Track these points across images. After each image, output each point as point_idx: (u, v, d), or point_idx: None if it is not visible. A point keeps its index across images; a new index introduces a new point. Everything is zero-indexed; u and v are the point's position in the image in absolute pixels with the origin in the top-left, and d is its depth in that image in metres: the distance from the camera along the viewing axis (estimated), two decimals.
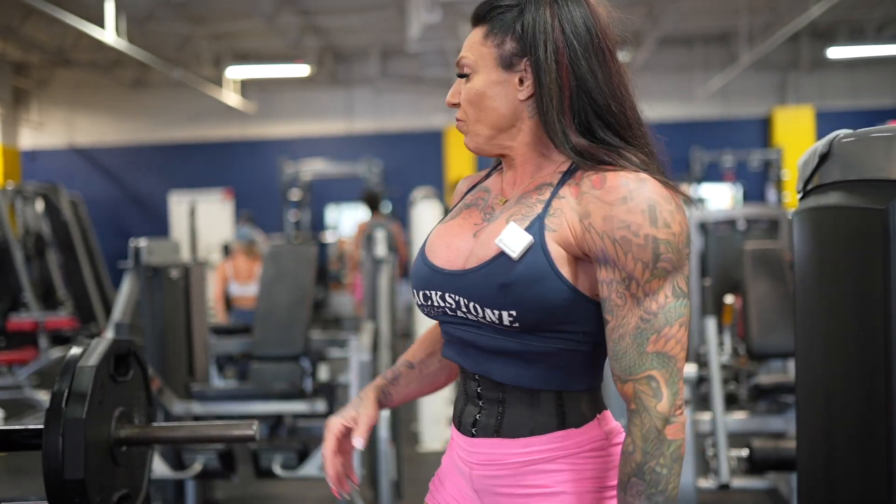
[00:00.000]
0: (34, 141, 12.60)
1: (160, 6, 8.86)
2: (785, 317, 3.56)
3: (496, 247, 1.15)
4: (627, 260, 1.09)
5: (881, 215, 1.23)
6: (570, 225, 1.13)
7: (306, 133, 12.39)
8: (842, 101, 12.17)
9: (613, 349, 1.11)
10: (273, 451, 3.46)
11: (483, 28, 1.22)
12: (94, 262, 6.70)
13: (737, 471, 3.20)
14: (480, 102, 1.21)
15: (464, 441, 1.25)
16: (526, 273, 1.12)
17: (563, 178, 1.18)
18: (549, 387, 1.18)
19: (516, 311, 1.13)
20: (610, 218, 1.10)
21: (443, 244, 1.26)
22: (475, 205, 1.29)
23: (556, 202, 1.15)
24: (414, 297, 1.29)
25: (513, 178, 1.25)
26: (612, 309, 1.11)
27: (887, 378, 1.23)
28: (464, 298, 1.18)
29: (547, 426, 1.18)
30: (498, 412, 1.21)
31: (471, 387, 1.25)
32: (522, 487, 1.19)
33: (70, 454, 1.48)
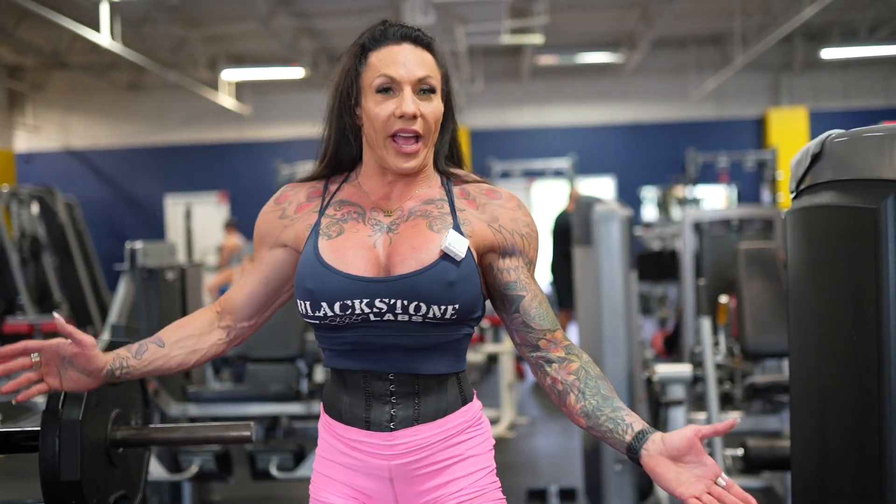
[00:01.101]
0: (29, 144, 12.58)
1: (155, 9, 8.86)
2: (779, 316, 3.57)
3: (437, 252, 1.33)
4: (529, 249, 1.41)
5: (873, 214, 1.24)
6: (480, 230, 1.38)
7: (301, 135, 12.37)
8: (835, 101, 12.21)
9: (538, 312, 1.39)
10: (269, 452, 3.47)
11: (430, 56, 1.38)
12: (89, 264, 6.69)
13: (732, 470, 3.21)
14: (437, 123, 1.38)
15: (378, 438, 1.36)
16: (464, 272, 1.34)
17: (448, 194, 1.41)
18: (454, 369, 1.40)
19: (458, 305, 1.33)
20: (515, 219, 1.41)
21: (350, 255, 1.34)
22: (351, 219, 1.39)
23: (460, 214, 1.39)
24: (318, 309, 1.32)
25: (383, 192, 1.40)
26: (525, 286, 1.40)
27: (880, 376, 1.24)
28: (403, 300, 1.32)
29: (455, 405, 1.40)
30: (414, 403, 1.37)
31: (379, 387, 1.37)
32: (440, 462, 1.38)
33: (66, 456, 1.48)
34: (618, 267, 3.08)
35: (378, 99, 1.34)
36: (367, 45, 1.37)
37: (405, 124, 1.33)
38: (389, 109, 1.33)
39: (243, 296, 1.47)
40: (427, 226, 1.36)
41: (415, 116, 1.33)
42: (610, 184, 12.57)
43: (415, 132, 1.34)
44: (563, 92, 12.42)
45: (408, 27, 1.38)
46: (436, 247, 1.33)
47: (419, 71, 1.34)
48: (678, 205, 10.78)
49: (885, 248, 1.22)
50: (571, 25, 10.24)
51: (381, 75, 1.34)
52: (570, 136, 12.31)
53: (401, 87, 1.33)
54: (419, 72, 1.34)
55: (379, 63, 1.34)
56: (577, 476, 4.03)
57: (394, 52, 1.35)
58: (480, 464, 1.42)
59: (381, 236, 1.37)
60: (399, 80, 1.33)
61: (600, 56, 10.90)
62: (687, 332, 5.38)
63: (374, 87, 1.34)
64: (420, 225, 1.36)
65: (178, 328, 1.46)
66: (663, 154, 12.19)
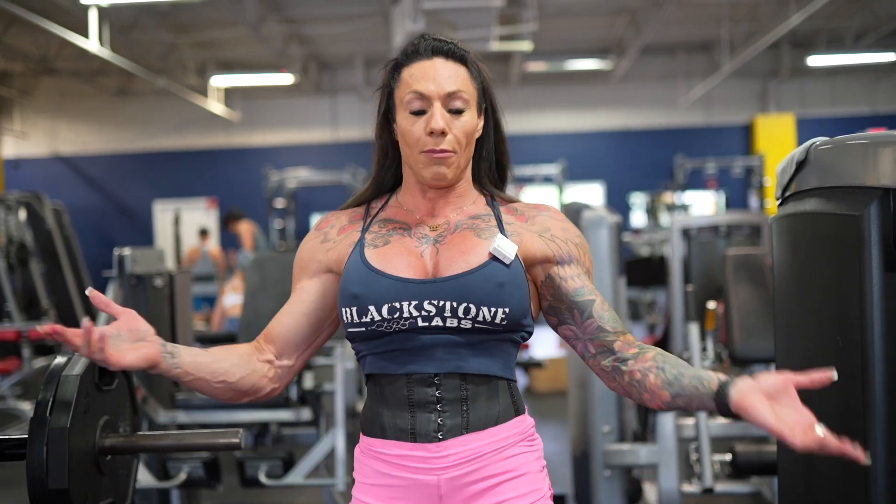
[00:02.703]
0: (17, 150, 12.52)
1: (144, 15, 8.84)
2: (767, 322, 3.59)
3: (486, 254, 1.32)
4: (585, 258, 1.41)
5: (857, 221, 1.25)
6: (531, 241, 1.37)
7: (291, 141, 12.37)
8: (822, 108, 12.29)
9: (610, 315, 1.36)
10: (258, 459, 3.45)
11: (463, 68, 1.36)
12: (77, 271, 6.65)
13: (720, 475, 3.22)
14: (471, 137, 1.37)
15: (425, 450, 1.29)
16: (514, 276, 1.32)
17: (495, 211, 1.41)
18: (506, 375, 1.35)
19: (509, 308, 1.30)
20: (566, 229, 1.41)
21: (397, 260, 1.33)
22: (397, 233, 1.37)
23: (507, 227, 1.38)
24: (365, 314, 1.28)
25: (430, 210, 1.39)
26: (591, 290, 1.38)
27: (864, 381, 1.25)
28: (452, 302, 1.29)
29: (507, 414, 1.34)
30: (462, 410, 1.31)
31: (424, 394, 1.30)
32: (493, 477, 1.31)
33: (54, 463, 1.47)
34: (606, 273, 3.09)
35: (411, 117, 1.33)
36: (401, 62, 1.37)
37: (435, 142, 1.31)
38: (421, 127, 1.32)
39: (284, 329, 1.38)
40: (475, 235, 1.36)
41: (444, 133, 1.31)
42: (599, 190, 12.61)
43: (443, 152, 1.32)
44: (553, 98, 12.45)
45: (441, 40, 1.36)
46: (484, 250, 1.32)
47: (449, 86, 1.33)
48: (667, 211, 10.82)
49: (869, 255, 1.23)
50: (560, 32, 10.27)
51: (412, 91, 1.33)
52: (560, 142, 12.34)
53: (431, 103, 1.32)
54: (449, 86, 1.33)
55: (410, 79, 1.34)
56: (567, 482, 4.04)
57: (424, 67, 1.34)
58: (534, 485, 1.33)
59: (427, 247, 1.35)
60: (429, 95, 1.32)
61: (589, 63, 10.94)
62: (675, 338, 5.40)
63: (406, 102, 1.34)
64: (468, 234, 1.36)
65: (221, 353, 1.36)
66: (652, 160, 12.24)
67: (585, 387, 3.15)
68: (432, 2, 6.20)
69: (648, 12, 9.04)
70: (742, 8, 9.40)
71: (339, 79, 12.06)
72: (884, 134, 1.31)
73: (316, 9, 9.11)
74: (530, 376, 6.85)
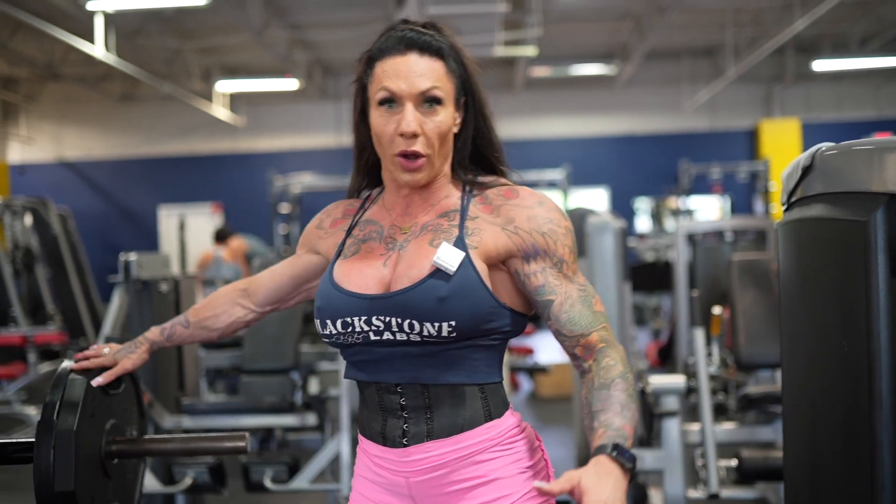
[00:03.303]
0: (23, 155, 12.56)
1: (149, 20, 8.87)
2: (772, 327, 3.58)
3: (429, 266, 1.27)
4: (557, 247, 1.31)
5: (863, 227, 1.25)
6: (492, 237, 1.31)
7: (295, 146, 12.40)
8: (827, 113, 12.28)
9: (568, 316, 1.29)
10: (263, 464, 3.46)
11: (439, 62, 1.30)
12: (83, 276, 6.67)
13: (726, 481, 3.21)
14: (446, 136, 1.32)
15: (394, 454, 1.32)
16: (460, 286, 1.26)
17: (464, 202, 1.35)
18: (473, 380, 1.30)
19: (455, 321, 1.26)
20: (533, 217, 1.31)
21: (355, 274, 1.34)
22: (370, 238, 1.38)
23: (470, 223, 1.32)
24: (325, 327, 1.33)
25: (404, 207, 1.37)
26: (553, 289, 1.30)
27: (870, 387, 1.25)
28: (397, 318, 1.27)
29: (476, 420, 1.30)
30: (426, 417, 1.30)
31: (390, 401, 1.32)
32: (462, 482, 1.30)
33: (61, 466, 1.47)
34: (611, 278, 3.09)
35: (381, 112, 1.29)
36: (374, 55, 1.32)
37: (406, 144, 1.28)
38: (392, 127, 1.28)
39: (272, 282, 1.56)
40: (429, 241, 1.31)
41: (415, 135, 1.27)
42: (604, 195, 12.61)
43: (415, 153, 1.28)
44: (557, 103, 12.46)
45: (417, 31, 1.30)
46: (429, 262, 1.27)
47: (422, 84, 1.27)
48: (672, 216, 10.82)
49: (875, 260, 1.23)
50: (565, 37, 10.28)
51: (382, 88, 1.28)
52: (564, 147, 12.35)
53: (402, 103, 1.28)
54: (422, 84, 1.27)
55: (382, 75, 1.29)
56: None
57: (397, 63, 1.28)
58: (509, 488, 1.29)
59: (392, 255, 1.34)
60: (400, 94, 1.27)
61: (594, 68, 10.95)
62: (681, 343, 5.39)
63: (377, 100, 1.30)
64: (424, 241, 1.32)
65: (204, 308, 1.62)
66: (657, 165, 12.24)
67: None
68: (437, 7, 6.21)
69: (653, 18, 9.04)
70: (746, 13, 9.40)
71: (344, 84, 12.07)
72: (890, 139, 1.31)
73: (320, 14, 9.14)
74: (535, 381, 6.84)
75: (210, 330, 1.61)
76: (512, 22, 8.15)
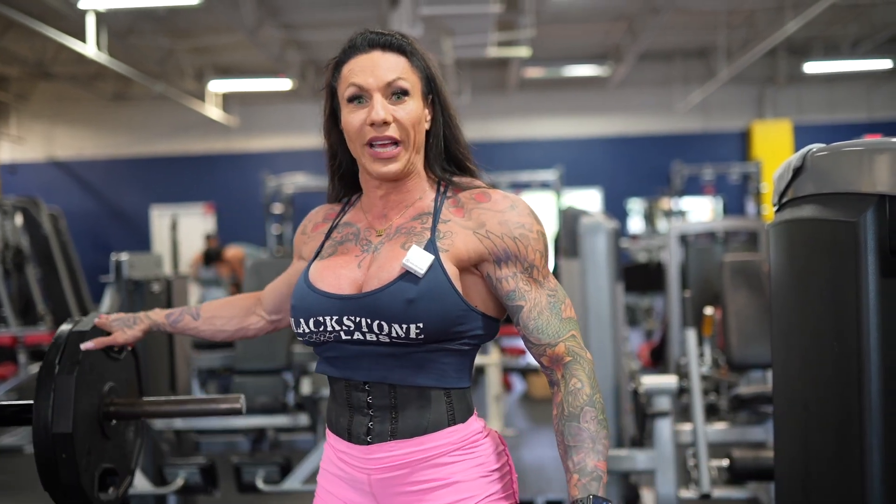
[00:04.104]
0: (13, 154, 12.51)
1: (141, 20, 8.85)
2: (764, 328, 3.59)
3: (399, 268, 1.29)
4: (528, 251, 1.31)
5: (853, 228, 1.25)
6: (463, 240, 1.32)
7: (288, 147, 12.38)
8: (818, 114, 12.33)
9: (535, 324, 1.30)
10: (255, 465, 3.45)
11: (403, 58, 1.34)
12: (74, 276, 6.64)
13: (718, 481, 3.22)
14: (417, 126, 1.34)
15: (357, 450, 1.34)
16: (429, 289, 1.27)
17: (437, 204, 1.36)
18: (439, 384, 1.32)
19: (423, 324, 1.27)
20: (505, 222, 1.31)
21: (329, 275, 1.36)
22: (347, 241, 1.40)
23: (442, 226, 1.33)
24: (298, 326, 1.36)
25: (382, 209, 1.39)
26: (523, 294, 1.31)
27: (860, 387, 1.25)
28: (367, 318, 1.29)
29: (439, 423, 1.32)
30: (391, 417, 1.32)
31: (358, 398, 1.34)
32: (423, 482, 1.31)
33: (60, 409, 1.50)
34: (604, 279, 3.10)
35: (351, 109, 1.33)
36: (340, 59, 1.37)
37: (378, 131, 1.31)
38: (361, 118, 1.32)
39: (275, 292, 1.61)
40: (401, 244, 1.32)
41: (386, 122, 1.30)
42: (596, 196, 12.63)
43: (389, 138, 1.31)
44: (550, 104, 12.47)
45: (377, 33, 1.35)
46: (399, 264, 1.29)
47: (388, 75, 1.31)
48: (664, 217, 10.84)
49: (865, 261, 1.24)
50: (558, 38, 10.30)
51: (350, 85, 1.33)
52: (557, 148, 12.36)
53: (370, 95, 1.31)
54: (388, 75, 1.31)
55: (349, 73, 1.34)
56: (564, 488, 4.04)
57: (362, 60, 1.33)
58: (468, 491, 1.31)
59: (366, 256, 1.36)
60: (367, 87, 1.31)
61: (587, 69, 10.97)
62: (673, 344, 5.40)
63: (346, 97, 1.34)
64: (396, 244, 1.33)
65: (219, 307, 1.65)
66: (649, 166, 12.26)
67: None
68: (430, 8, 6.21)
69: (646, 19, 9.06)
70: (739, 15, 9.43)
71: None
72: (880, 141, 1.31)
73: (313, 14, 9.13)
74: (528, 382, 6.84)
75: (218, 329, 1.64)
76: (505, 23, 8.16)
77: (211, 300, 1.68)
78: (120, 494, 1.65)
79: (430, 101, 1.37)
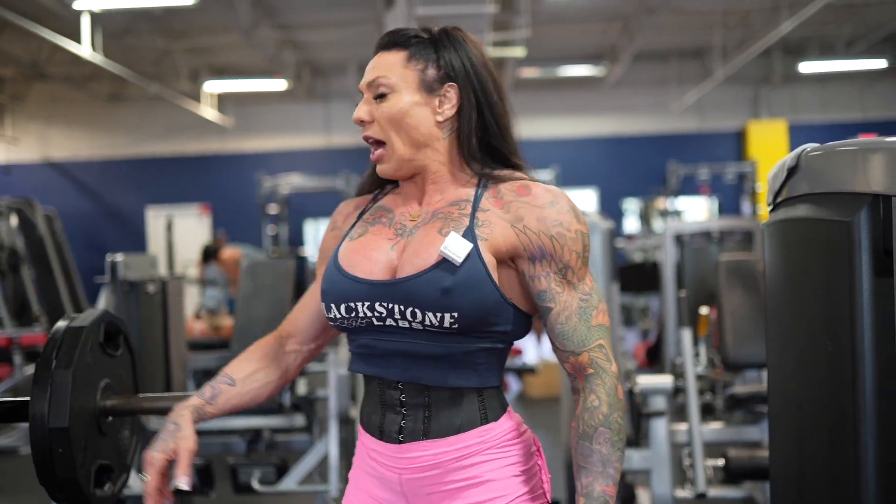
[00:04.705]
0: (8, 155, 12.47)
1: (137, 20, 8.83)
2: (759, 327, 3.60)
3: (436, 255, 1.26)
4: (564, 252, 1.28)
5: (847, 227, 1.26)
6: (501, 232, 1.28)
7: (284, 147, 12.37)
8: (813, 114, 12.35)
9: (562, 329, 1.28)
10: (251, 465, 3.45)
11: (402, 53, 1.33)
12: (69, 277, 6.63)
13: (713, 480, 3.22)
14: (402, 121, 1.32)
15: (389, 449, 1.32)
16: (466, 278, 1.24)
17: (477, 193, 1.32)
18: (472, 384, 1.30)
19: (457, 313, 1.24)
20: (543, 218, 1.28)
21: (361, 258, 1.33)
22: (380, 222, 1.37)
23: (481, 215, 1.29)
24: (329, 311, 1.33)
25: (417, 196, 1.37)
26: (553, 296, 1.28)
27: (854, 387, 1.25)
28: (400, 305, 1.26)
29: (472, 423, 1.30)
30: (424, 416, 1.30)
31: (391, 396, 1.32)
32: (454, 482, 1.30)
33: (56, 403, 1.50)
34: (600, 278, 3.10)
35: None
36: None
37: (363, 131, 1.36)
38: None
39: (306, 315, 1.48)
40: (438, 230, 1.29)
41: (363, 121, 1.35)
42: (592, 196, 12.63)
43: (369, 138, 1.35)
44: (546, 104, 12.48)
45: (389, 33, 1.38)
46: (436, 250, 1.26)
47: (369, 75, 1.35)
48: (660, 216, 10.85)
49: (859, 261, 1.24)
50: (554, 39, 10.30)
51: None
52: (553, 148, 12.37)
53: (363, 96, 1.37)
54: (369, 76, 1.35)
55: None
56: (560, 488, 4.04)
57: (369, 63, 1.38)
58: (500, 490, 1.30)
59: (401, 240, 1.33)
60: (360, 90, 1.37)
61: (582, 69, 10.97)
62: (668, 344, 5.41)
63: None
64: (433, 228, 1.30)
65: (246, 362, 1.46)
66: (645, 166, 12.27)
67: None
68: (425, 8, 6.21)
69: (641, 19, 9.07)
70: (734, 15, 9.44)
71: (333, 85, 12.05)
72: (874, 140, 1.32)
73: (309, 15, 9.12)
74: (524, 382, 6.85)
75: (261, 384, 1.45)
76: (501, 23, 8.16)
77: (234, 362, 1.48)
78: (116, 491, 1.65)
79: (446, 91, 1.33)
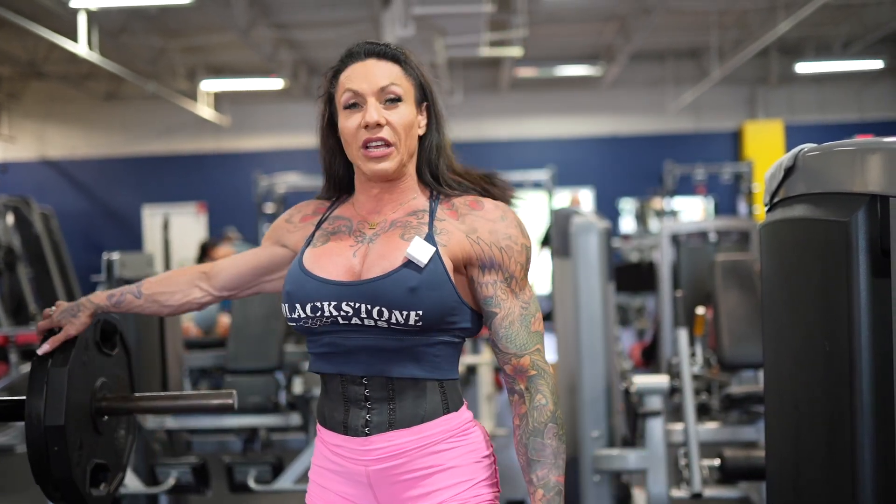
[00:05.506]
0: (5, 154, 12.45)
1: (133, 19, 8.82)
2: (755, 327, 3.60)
3: (402, 258, 1.35)
4: (511, 263, 1.40)
5: (844, 227, 1.26)
6: (458, 240, 1.39)
7: (281, 146, 12.35)
8: (810, 115, 12.37)
9: (506, 334, 1.39)
10: (247, 464, 3.45)
11: (397, 66, 1.42)
12: (65, 275, 6.62)
13: (709, 480, 3.23)
14: (410, 130, 1.41)
15: (354, 443, 1.39)
16: (430, 279, 1.35)
17: (432, 205, 1.43)
18: (434, 376, 1.39)
19: (422, 311, 1.33)
20: (494, 231, 1.40)
21: (327, 262, 1.41)
22: (340, 231, 1.46)
23: (438, 224, 1.40)
24: (294, 311, 1.39)
25: (375, 207, 1.45)
26: (499, 303, 1.39)
27: (851, 387, 1.26)
28: (367, 304, 1.35)
29: (435, 412, 1.39)
30: (389, 408, 1.38)
31: (354, 392, 1.39)
32: (419, 470, 1.38)
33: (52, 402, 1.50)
34: (595, 278, 3.10)
35: (347, 114, 1.40)
36: (338, 68, 1.44)
37: (371, 133, 1.38)
38: (357, 122, 1.39)
39: (234, 269, 1.60)
40: (400, 235, 1.40)
41: (379, 124, 1.37)
42: (588, 195, 12.64)
43: (381, 139, 1.38)
44: (542, 104, 12.48)
45: (373, 43, 1.43)
46: (401, 254, 1.36)
47: (381, 81, 1.39)
48: (656, 216, 10.86)
49: (856, 261, 1.24)
50: (550, 38, 10.31)
51: (347, 90, 1.40)
52: (549, 147, 12.37)
53: (365, 100, 1.39)
54: (381, 81, 1.39)
55: (346, 80, 1.41)
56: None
57: (358, 68, 1.41)
58: (463, 475, 1.40)
59: (361, 247, 1.42)
60: (362, 92, 1.39)
61: (579, 69, 10.98)
62: (664, 344, 5.42)
63: (343, 103, 1.41)
64: (394, 235, 1.40)
65: (161, 282, 1.62)
66: (641, 166, 12.28)
67: (574, 392, 3.15)
68: (422, 7, 6.21)
69: (638, 19, 9.08)
70: (731, 15, 9.45)
71: None
72: (871, 141, 1.32)
73: (306, 14, 9.11)
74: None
75: (162, 305, 1.61)
76: (498, 22, 8.16)
77: (152, 277, 1.66)
78: (111, 491, 1.65)
79: (424, 109, 1.45)
